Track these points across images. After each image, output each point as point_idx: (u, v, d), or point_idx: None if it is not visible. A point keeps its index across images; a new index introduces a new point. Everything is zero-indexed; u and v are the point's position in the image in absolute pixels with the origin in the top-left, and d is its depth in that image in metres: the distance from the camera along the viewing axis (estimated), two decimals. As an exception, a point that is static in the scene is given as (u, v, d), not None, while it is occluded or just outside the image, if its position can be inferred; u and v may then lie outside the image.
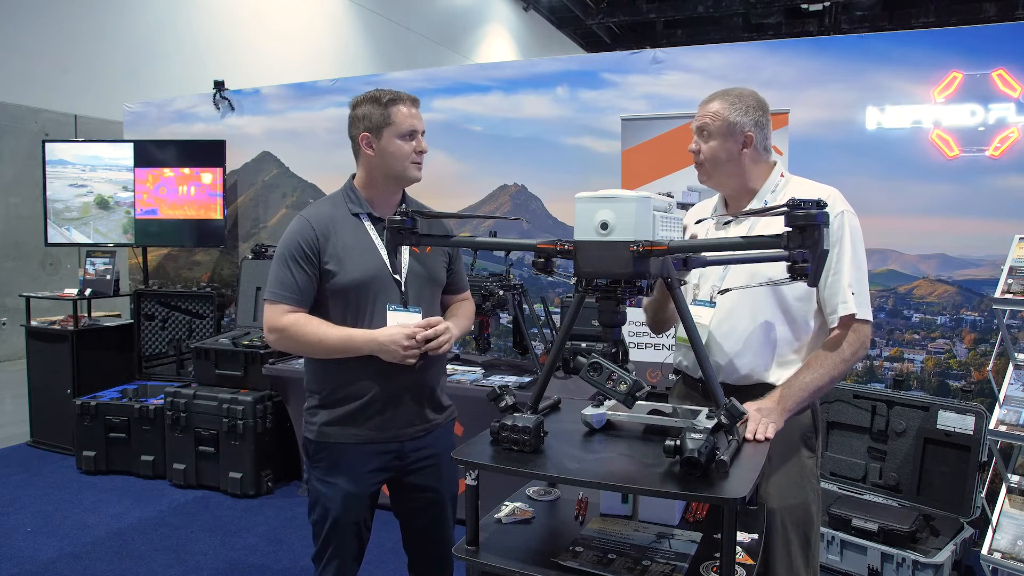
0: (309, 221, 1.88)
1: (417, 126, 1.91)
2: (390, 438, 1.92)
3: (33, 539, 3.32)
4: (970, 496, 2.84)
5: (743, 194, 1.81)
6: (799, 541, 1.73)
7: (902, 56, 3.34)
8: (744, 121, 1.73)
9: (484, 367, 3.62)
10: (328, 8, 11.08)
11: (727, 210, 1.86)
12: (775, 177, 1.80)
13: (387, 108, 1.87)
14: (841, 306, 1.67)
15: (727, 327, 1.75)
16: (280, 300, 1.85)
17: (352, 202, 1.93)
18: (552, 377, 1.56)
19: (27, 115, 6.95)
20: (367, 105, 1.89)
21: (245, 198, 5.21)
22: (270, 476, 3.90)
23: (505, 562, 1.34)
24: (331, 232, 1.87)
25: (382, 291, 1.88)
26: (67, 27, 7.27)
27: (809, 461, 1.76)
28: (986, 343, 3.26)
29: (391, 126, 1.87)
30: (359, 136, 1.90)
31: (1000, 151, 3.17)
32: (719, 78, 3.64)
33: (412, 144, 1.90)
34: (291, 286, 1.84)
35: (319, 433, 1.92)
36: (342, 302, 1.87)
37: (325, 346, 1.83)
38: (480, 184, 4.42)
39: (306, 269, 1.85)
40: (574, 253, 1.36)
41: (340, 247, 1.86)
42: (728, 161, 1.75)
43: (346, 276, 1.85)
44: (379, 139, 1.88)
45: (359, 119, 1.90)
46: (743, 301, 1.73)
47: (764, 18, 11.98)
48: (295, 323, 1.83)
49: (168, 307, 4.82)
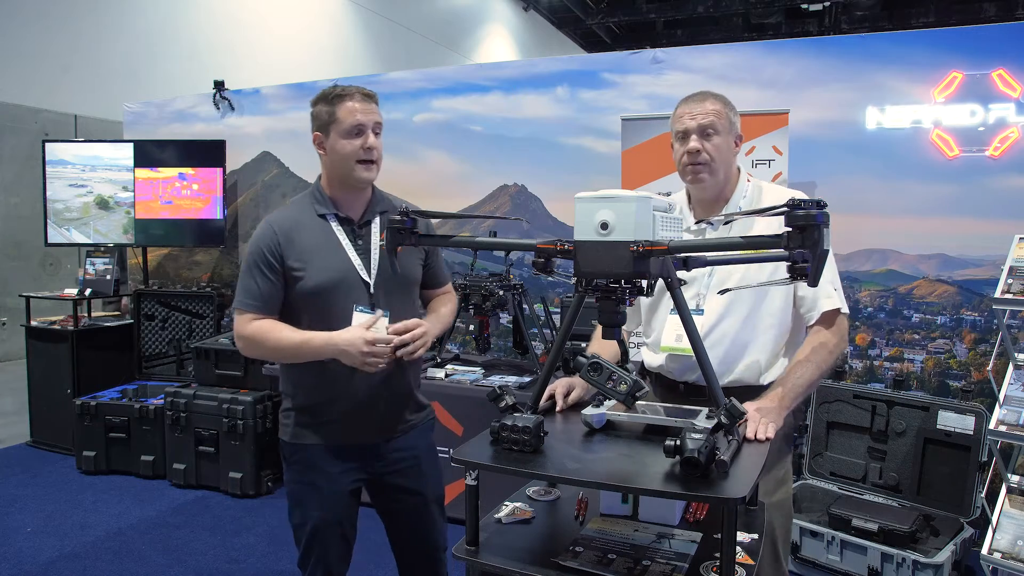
0: (272, 226, 1.83)
1: (363, 121, 1.80)
2: (364, 440, 1.89)
3: (33, 539, 3.32)
4: (970, 496, 2.84)
5: (719, 197, 1.83)
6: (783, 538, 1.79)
7: (902, 56, 3.34)
8: (736, 121, 1.79)
9: (484, 367, 3.62)
10: (328, 8, 11.08)
11: (692, 214, 1.86)
12: (743, 182, 1.84)
13: (333, 105, 1.79)
14: (825, 301, 1.71)
15: (718, 332, 1.77)
16: (245, 308, 1.82)
17: (318, 203, 1.88)
18: (552, 377, 1.56)
19: (27, 115, 6.94)
20: (319, 103, 1.83)
21: (245, 198, 5.21)
22: (270, 476, 3.90)
23: (505, 562, 1.34)
24: (295, 235, 1.82)
25: (350, 293, 1.83)
26: (67, 27, 7.26)
27: (789, 458, 1.83)
28: (986, 343, 3.26)
29: (336, 123, 1.79)
30: (313, 136, 1.85)
31: (1000, 151, 3.17)
32: (719, 78, 3.64)
33: (358, 142, 1.80)
34: (255, 294, 1.81)
35: (293, 435, 1.88)
36: (310, 305, 1.82)
37: (285, 352, 1.80)
38: (480, 184, 4.42)
39: (269, 276, 1.80)
40: (574, 253, 1.35)
41: (305, 250, 1.81)
42: (728, 160, 1.77)
43: (312, 279, 1.80)
44: (327, 138, 1.82)
45: (313, 118, 1.85)
46: (730, 307, 1.76)
47: (764, 18, 11.98)
48: (258, 330, 1.80)
49: (168, 307, 4.81)
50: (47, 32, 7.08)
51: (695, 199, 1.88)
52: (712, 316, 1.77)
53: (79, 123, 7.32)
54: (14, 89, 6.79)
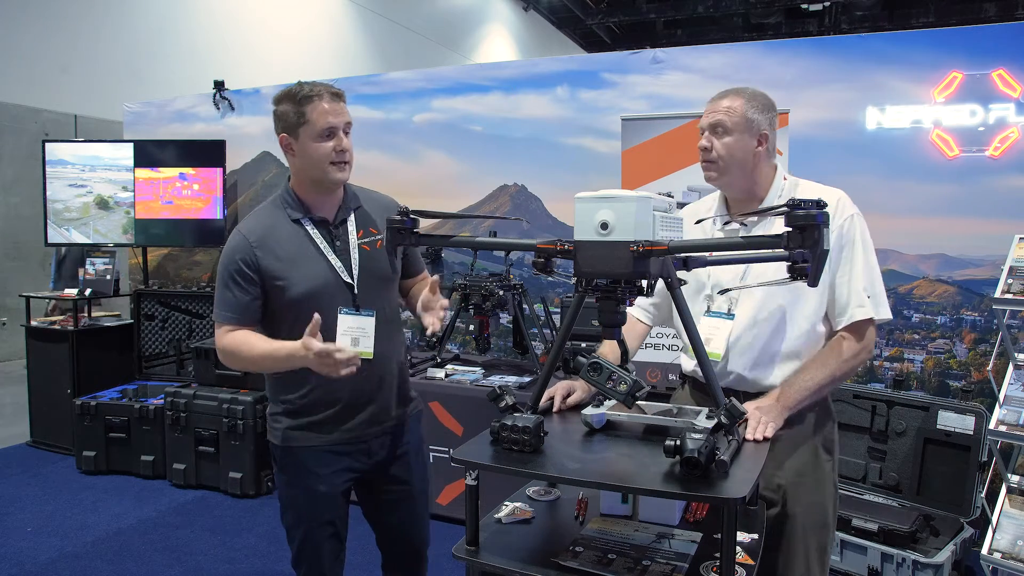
0: (246, 237, 1.79)
1: (335, 123, 1.76)
2: (355, 439, 1.88)
3: (33, 539, 3.32)
4: (970, 496, 2.84)
5: (749, 196, 1.78)
6: (817, 546, 1.72)
7: (902, 56, 3.34)
8: (760, 119, 1.71)
9: (484, 367, 3.62)
10: (328, 8, 11.08)
11: (729, 212, 1.83)
12: (779, 181, 1.78)
13: (302, 106, 1.75)
14: (858, 310, 1.66)
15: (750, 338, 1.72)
16: (223, 321, 1.79)
17: (290, 207, 1.83)
18: (552, 377, 1.56)
19: (27, 115, 6.94)
20: (284, 103, 1.78)
21: (245, 198, 5.21)
22: (270, 476, 3.90)
23: (505, 562, 1.34)
24: (271, 244, 1.78)
25: (335, 297, 1.80)
26: (67, 27, 7.26)
27: (828, 465, 1.76)
28: (986, 343, 3.26)
29: (306, 125, 1.75)
30: (280, 138, 1.81)
31: (1000, 151, 3.17)
32: (719, 78, 3.64)
33: (331, 143, 1.76)
34: (231, 305, 1.78)
35: (284, 438, 1.88)
36: (294, 313, 1.78)
37: (259, 364, 1.77)
38: (480, 184, 4.41)
39: (245, 287, 1.77)
40: (574, 253, 1.35)
41: (284, 258, 1.78)
42: (743, 159, 1.71)
43: (295, 288, 1.77)
44: (297, 140, 1.78)
45: (278, 118, 1.80)
46: (764, 310, 1.71)
47: (764, 18, 11.98)
48: (233, 342, 1.78)
49: (168, 307, 4.81)
50: (47, 32, 7.08)
51: (729, 199, 1.85)
52: (744, 320, 1.73)
53: (79, 123, 7.32)
54: (14, 89, 6.80)
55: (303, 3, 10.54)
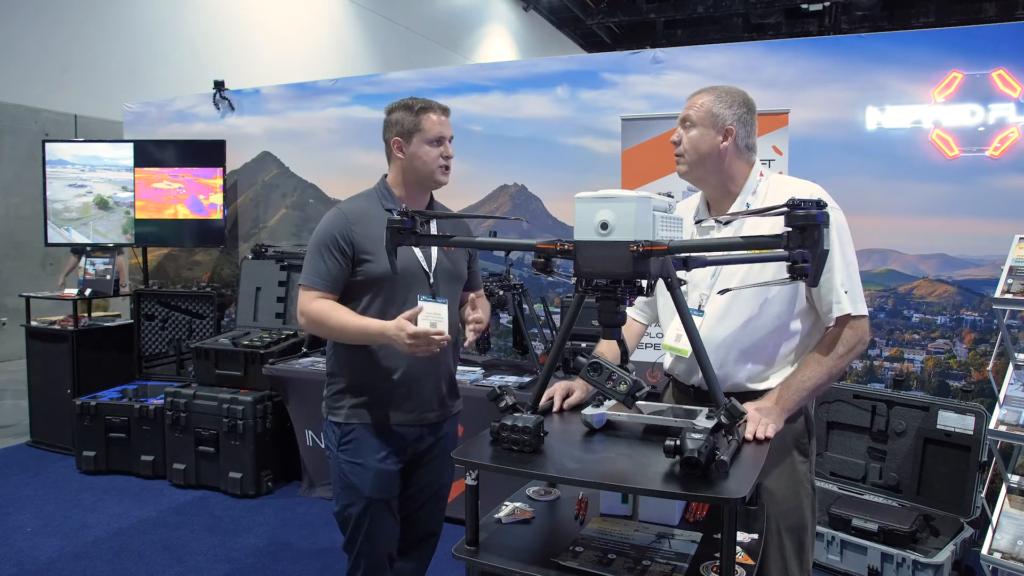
0: (345, 214, 2.00)
1: (445, 133, 2.03)
2: (414, 420, 2.03)
3: (33, 539, 3.32)
4: (970, 496, 2.84)
5: (724, 193, 1.80)
6: (793, 546, 1.73)
7: (902, 56, 3.34)
8: (726, 114, 1.73)
9: (484, 367, 3.62)
10: (328, 8, 11.09)
11: (709, 211, 1.84)
12: (755, 177, 1.79)
13: (418, 115, 2.00)
14: (836, 306, 1.66)
15: (718, 335, 1.73)
16: (312, 286, 1.97)
17: (386, 199, 2.05)
18: (552, 377, 1.56)
19: (27, 115, 6.95)
20: (400, 111, 2.03)
21: (245, 198, 5.21)
22: (270, 476, 3.90)
23: (505, 562, 1.34)
24: (365, 224, 1.97)
25: (413, 282, 1.99)
26: (67, 27, 7.27)
27: (802, 466, 1.75)
28: (986, 343, 3.26)
29: (420, 132, 1.99)
30: (391, 140, 2.03)
31: (1000, 151, 3.17)
32: (719, 78, 3.63)
33: (440, 150, 2.02)
34: (323, 273, 1.96)
35: (347, 415, 2.01)
36: (375, 290, 1.98)
37: (344, 334, 1.95)
38: (480, 184, 4.41)
39: (338, 258, 1.95)
40: (574, 253, 1.35)
41: (374, 239, 1.94)
42: (708, 153, 1.73)
43: (379, 267, 1.94)
44: (409, 144, 2.01)
45: (392, 124, 2.03)
46: (730, 310, 1.72)
47: (764, 18, 11.99)
48: (321, 309, 1.94)
49: (168, 307, 4.82)
50: (47, 32, 7.09)
51: (707, 196, 1.86)
52: (712, 318, 1.74)
53: (79, 123, 7.33)
54: (14, 89, 6.80)
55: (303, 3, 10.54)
